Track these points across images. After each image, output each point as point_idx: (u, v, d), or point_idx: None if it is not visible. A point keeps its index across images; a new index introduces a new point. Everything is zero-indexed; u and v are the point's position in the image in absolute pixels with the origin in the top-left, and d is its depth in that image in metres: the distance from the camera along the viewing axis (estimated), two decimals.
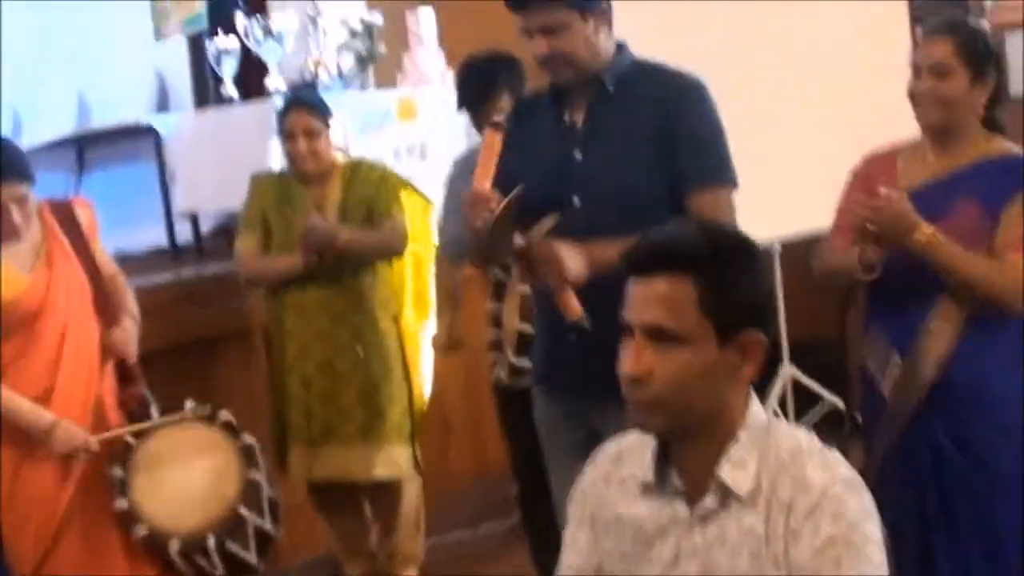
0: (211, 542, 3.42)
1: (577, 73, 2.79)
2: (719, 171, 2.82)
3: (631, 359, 1.78)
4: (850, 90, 5.23)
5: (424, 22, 5.71)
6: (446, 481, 5.17)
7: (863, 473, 3.03)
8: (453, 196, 4.04)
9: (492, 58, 3.88)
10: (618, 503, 1.92)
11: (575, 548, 1.98)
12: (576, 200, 2.78)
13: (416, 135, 5.29)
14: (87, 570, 3.43)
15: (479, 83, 3.83)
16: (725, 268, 1.79)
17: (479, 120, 3.83)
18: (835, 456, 1.81)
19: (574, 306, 2.62)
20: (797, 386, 5.48)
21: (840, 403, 5.10)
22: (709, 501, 1.81)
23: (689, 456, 1.83)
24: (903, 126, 3.10)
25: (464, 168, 4.07)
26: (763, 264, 1.86)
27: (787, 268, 5.46)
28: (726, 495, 1.79)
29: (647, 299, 1.78)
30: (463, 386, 5.15)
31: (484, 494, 5.11)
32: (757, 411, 1.85)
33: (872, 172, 3.09)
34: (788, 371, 5.44)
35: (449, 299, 4.15)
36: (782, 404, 5.43)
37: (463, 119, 4.19)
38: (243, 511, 3.49)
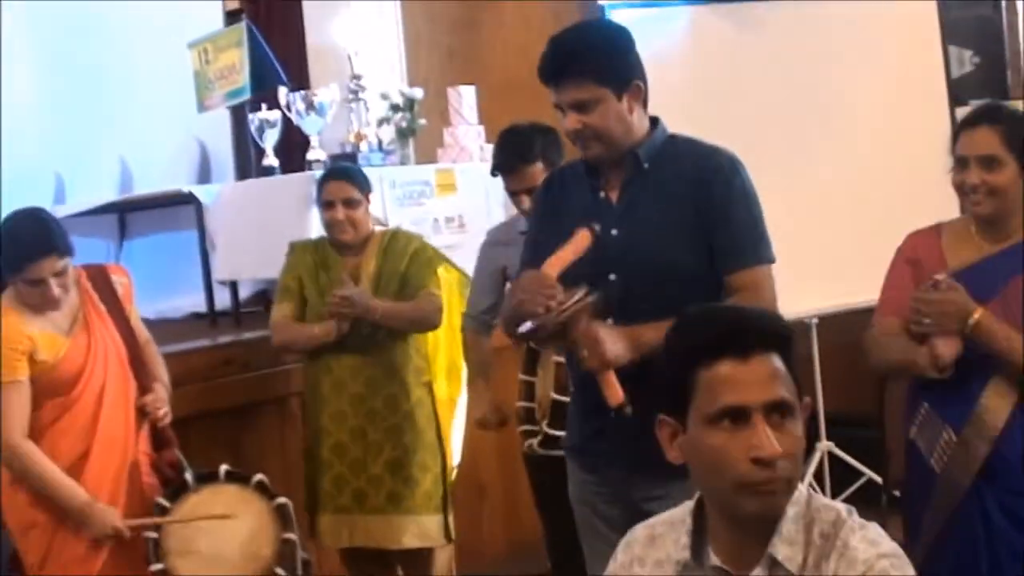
0: None
1: (608, 149, 2.79)
2: (757, 250, 2.80)
3: (769, 440, 1.71)
4: (887, 165, 5.25)
5: (466, 99, 5.80)
6: (480, 549, 5.14)
7: (905, 548, 3.00)
8: (481, 268, 4.08)
9: (531, 128, 3.92)
10: None
11: None
12: (612, 276, 2.78)
13: (455, 208, 5.35)
14: None
15: (516, 150, 3.88)
16: (792, 342, 1.81)
17: (512, 186, 3.88)
18: (877, 530, 1.78)
19: (615, 391, 2.58)
20: (833, 460, 5.46)
21: (877, 477, 5.09)
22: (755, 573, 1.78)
23: (736, 532, 1.80)
24: (940, 202, 3.11)
25: (495, 240, 4.10)
26: None
27: (824, 342, 5.46)
28: (773, 571, 1.77)
29: (765, 377, 1.74)
30: (497, 455, 5.13)
31: (518, 563, 5.07)
32: (799, 485, 1.83)
33: (917, 251, 3.06)
34: (824, 445, 5.42)
35: (482, 373, 4.14)
36: (819, 478, 5.40)
37: (503, 193, 4.22)
38: (279, 572, 3.49)
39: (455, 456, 4.38)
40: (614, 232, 2.81)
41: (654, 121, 2.88)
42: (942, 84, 5.38)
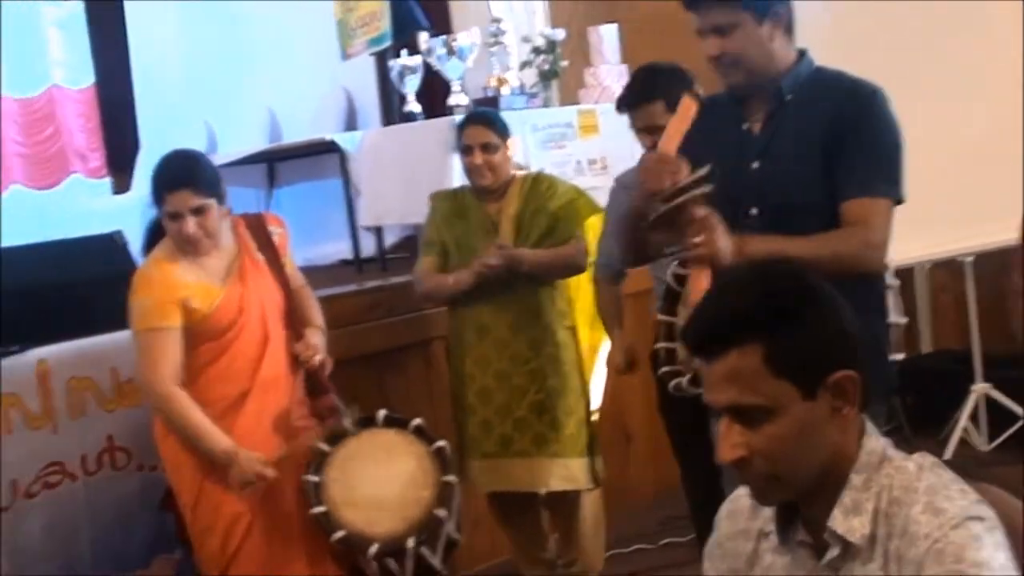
0: (410, 544, 3.46)
1: (748, 76, 2.73)
2: (878, 182, 2.67)
3: (724, 445, 1.69)
4: None
5: (607, 39, 5.73)
6: (627, 494, 5.14)
7: None
8: (609, 212, 4.03)
9: (657, 66, 3.91)
10: (755, 560, 1.83)
11: None
12: (753, 211, 2.73)
13: (597, 149, 5.29)
14: (271, 572, 3.49)
15: (637, 87, 3.87)
16: (787, 324, 1.66)
17: (634, 123, 3.87)
18: (948, 492, 1.65)
19: (704, 286, 2.45)
20: (991, 402, 5.29)
21: None
22: (832, 552, 1.70)
23: (811, 508, 1.74)
24: None
25: (624, 183, 4.05)
26: (833, 302, 1.72)
27: (980, 281, 5.29)
28: (846, 544, 1.69)
29: (718, 380, 1.69)
30: (643, 399, 5.11)
31: (665, 507, 5.06)
32: (872, 447, 1.72)
33: None
34: (980, 387, 5.26)
35: (614, 319, 4.11)
36: (975, 421, 5.25)
37: None
38: (440, 513, 3.52)
39: (595, 400, 4.35)
40: (755, 165, 2.76)
41: (801, 53, 2.81)
42: None
